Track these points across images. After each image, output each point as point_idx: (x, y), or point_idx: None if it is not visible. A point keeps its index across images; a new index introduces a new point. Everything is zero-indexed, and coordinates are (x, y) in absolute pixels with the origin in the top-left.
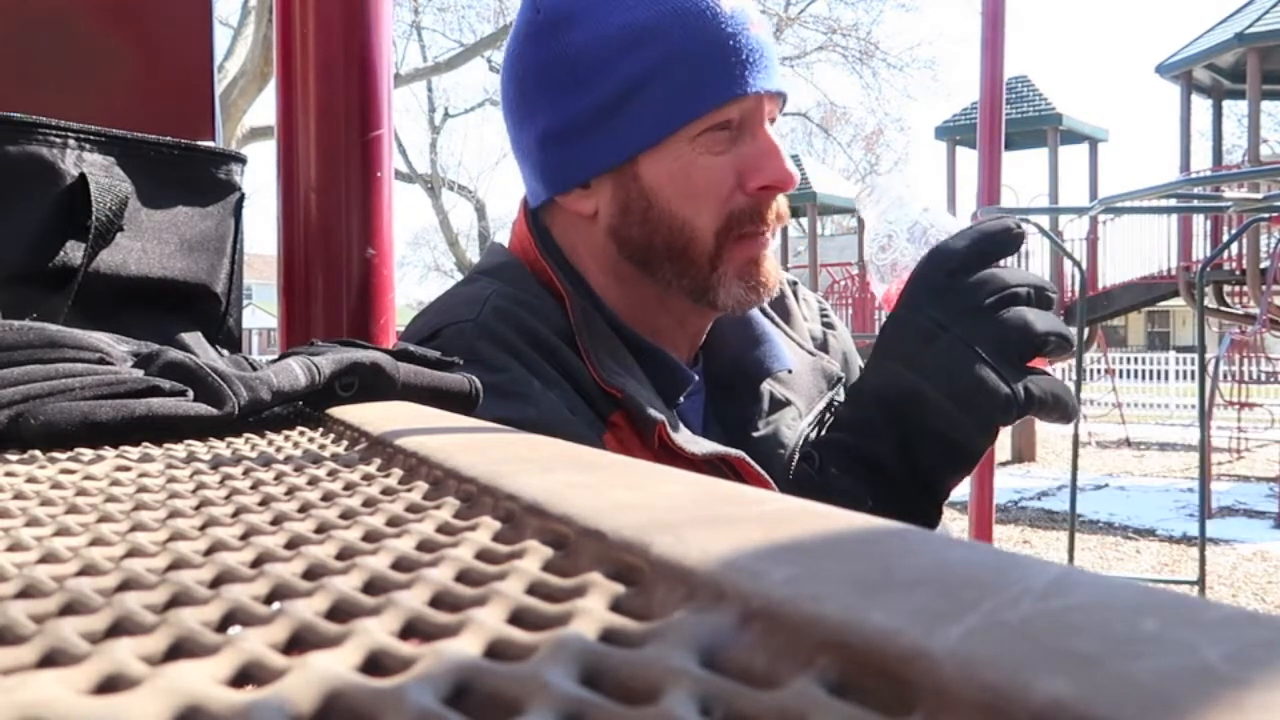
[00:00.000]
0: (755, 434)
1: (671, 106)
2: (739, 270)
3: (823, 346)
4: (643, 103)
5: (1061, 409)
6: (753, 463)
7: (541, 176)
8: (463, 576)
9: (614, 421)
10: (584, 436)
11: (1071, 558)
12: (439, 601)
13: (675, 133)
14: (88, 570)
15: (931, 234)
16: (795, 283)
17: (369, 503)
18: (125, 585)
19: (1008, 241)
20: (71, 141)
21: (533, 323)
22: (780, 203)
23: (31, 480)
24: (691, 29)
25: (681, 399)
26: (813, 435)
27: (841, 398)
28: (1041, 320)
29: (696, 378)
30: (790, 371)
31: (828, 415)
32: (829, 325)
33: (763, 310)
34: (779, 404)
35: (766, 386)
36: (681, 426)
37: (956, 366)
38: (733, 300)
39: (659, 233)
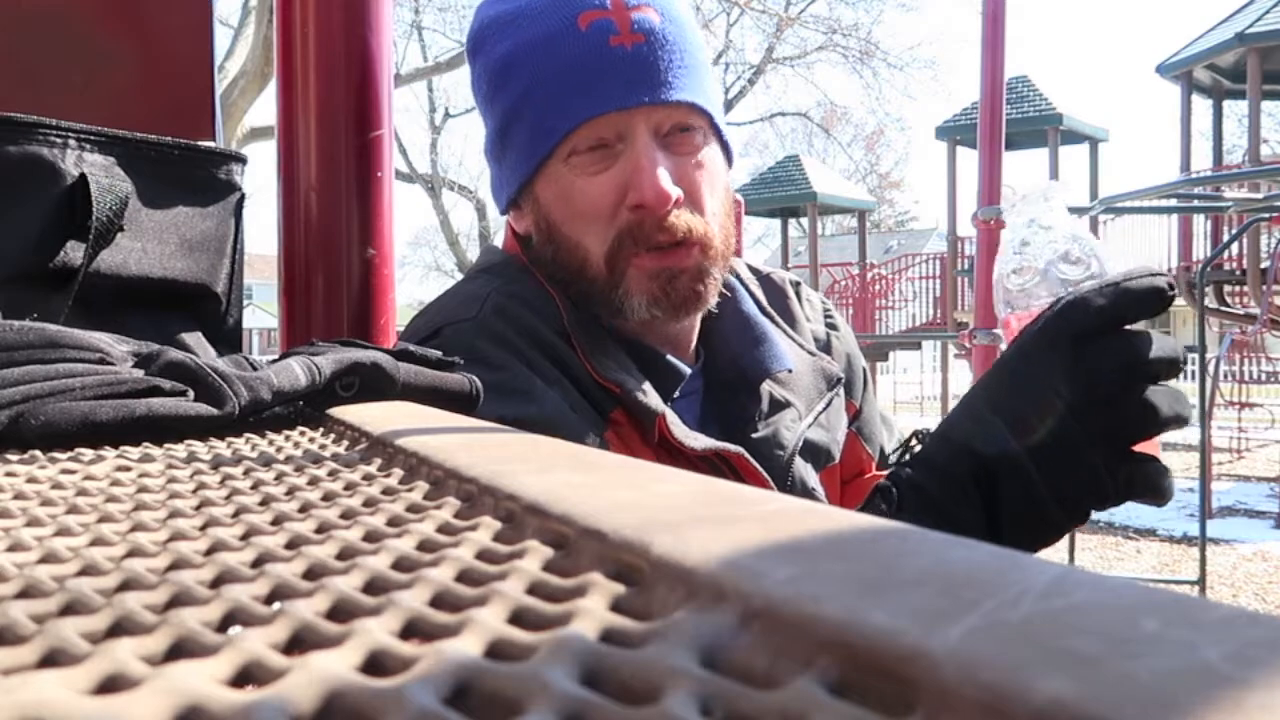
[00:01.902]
0: (754, 435)
1: (539, 132)
2: (641, 286)
3: (825, 347)
4: (519, 130)
5: (1156, 494)
6: (752, 460)
7: (494, 189)
8: (463, 576)
9: (615, 419)
10: (586, 434)
11: (1072, 558)
12: (439, 601)
13: (549, 156)
14: (88, 570)
15: (1073, 272)
16: (799, 283)
17: (369, 503)
18: (126, 585)
19: (1154, 305)
20: (72, 142)
21: (532, 321)
22: (685, 218)
23: (32, 480)
24: (547, 53)
25: (677, 394)
26: (891, 460)
27: (842, 398)
28: (1167, 404)
29: (689, 372)
30: (790, 371)
31: (912, 444)
32: (832, 326)
33: (763, 310)
34: (779, 405)
35: (766, 387)
36: (680, 422)
37: (1066, 453)
38: (640, 316)
39: (560, 253)
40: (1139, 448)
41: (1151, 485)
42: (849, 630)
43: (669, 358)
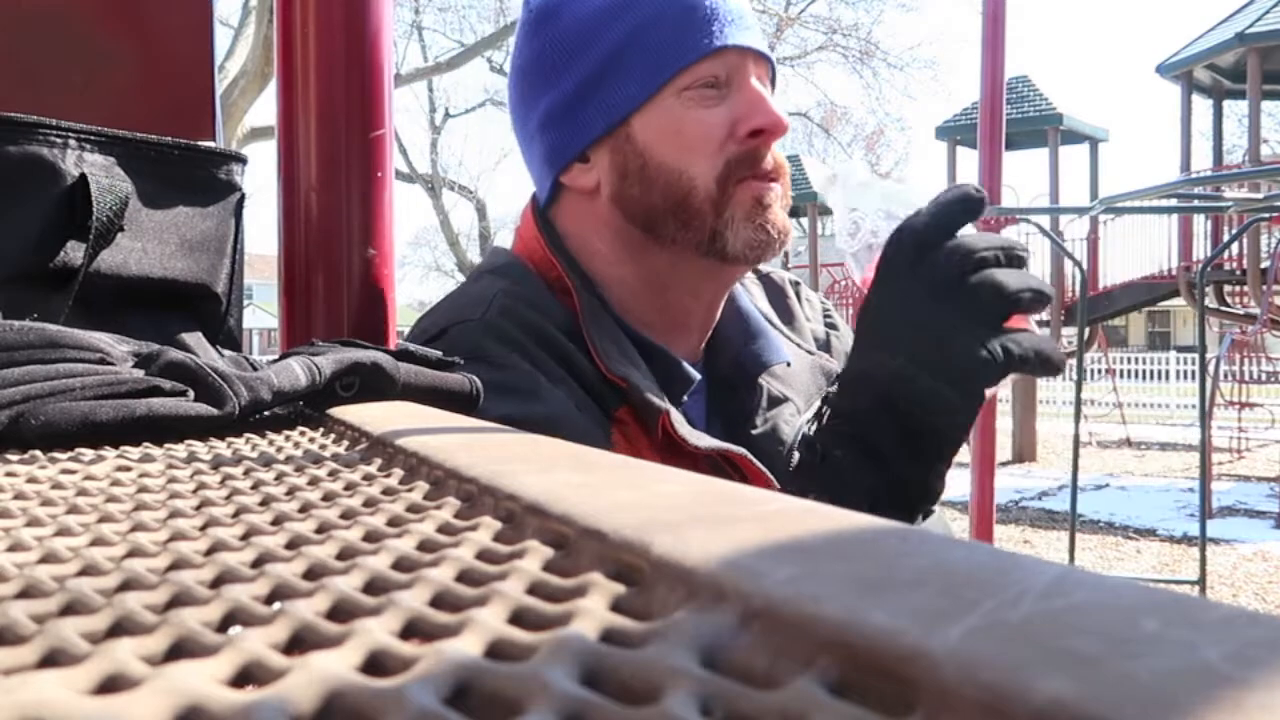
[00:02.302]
0: (754, 431)
1: (654, 65)
2: (746, 212)
3: (825, 347)
4: (627, 67)
5: (1045, 362)
6: (754, 460)
7: (545, 160)
8: (463, 576)
9: (620, 417)
10: (591, 433)
11: (1072, 558)
12: (439, 601)
13: (661, 89)
14: (88, 570)
15: (898, 215)
16: (798, 283)
17: (369, 503)
18: (126, 585)
19: (968, 208)
20: (72, 142)
21: (539, 320)
22: (778, 155)
23: (32, 480)
24: None
25: (685, 398)
26: (810, 429)
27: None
28: (1012, 279)
29: (698, 377)
30: (789, 365)
31: (823, 408)
32: (832, 326)
33: (761, 311)
34: (777, 400)
35: (764, 382)
36: (684, 421)
37: (934, 341)
38: (741, 243)
39: (657, 187)
40: (1013, 325)
41: (1030, 348)
42: (849, 630)
43: (679, 359)
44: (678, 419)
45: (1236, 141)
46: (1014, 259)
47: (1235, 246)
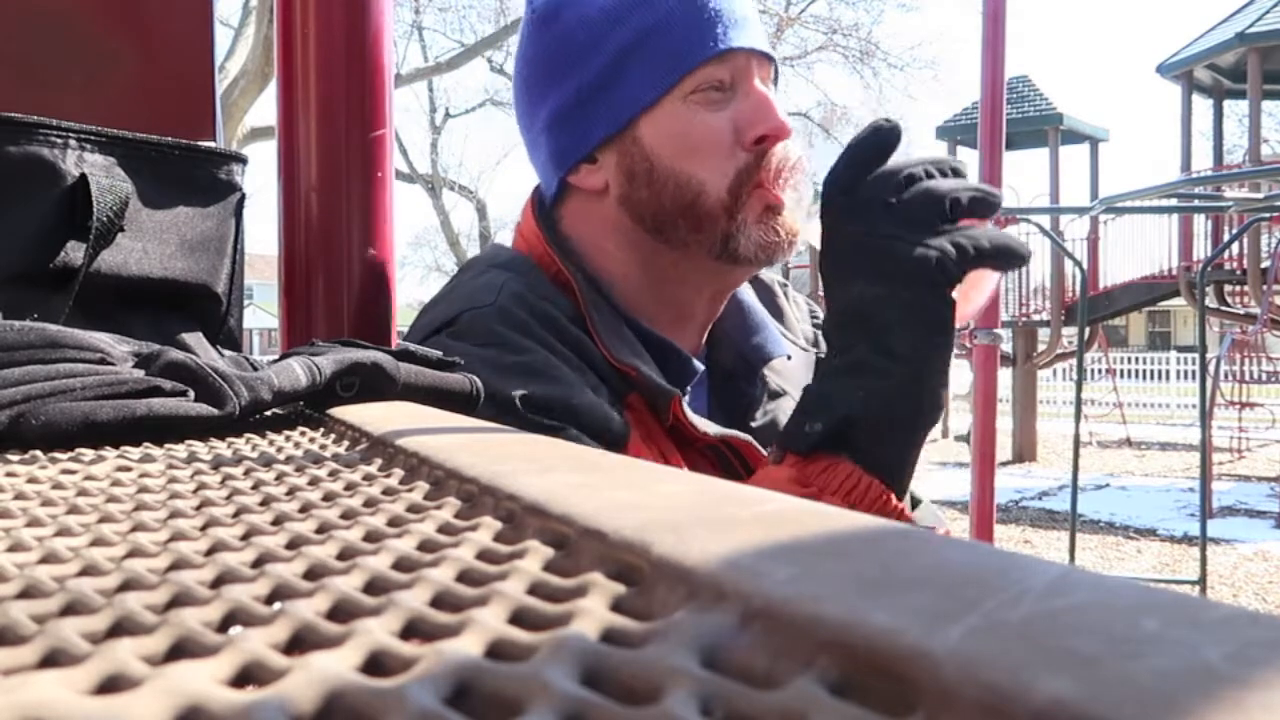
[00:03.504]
0: (754, 423)
1: (661, 67)
2: (758, 216)
3: (815, 344)
4: (634, 68)
5: (1004, 253)
6: (759, 448)
7: (551, 160)
8: (463, 576)
9: (630, 403)
10: (606, 412)
11: (1072, 557)
12: (440, 601)
13: (668, 92)
14: (89, 570)
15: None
16: (785, 284)
17: (370, 503)
18: (126, 585)
19: (882, 140)
20: (72, 142)
21: (548, 309)
22: (790, 149)
23: (32, 480)
24: None
25: (689, 389)
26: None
27: None
28: (945, 184)
29: (701, 368)
30: (789, 358)
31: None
32: (819, 325)
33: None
34: (776, 394)
35: (765, 375)
36: (691, 409)
37: (883, 257)
38: (754, 245)
39: (665, 191)
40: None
41: (981, 239)
42: (849, 630)
43: (683, 351)
44: (687, 406)
45: (1237, 141)
46: (949, 172)
47: (1235, 246)
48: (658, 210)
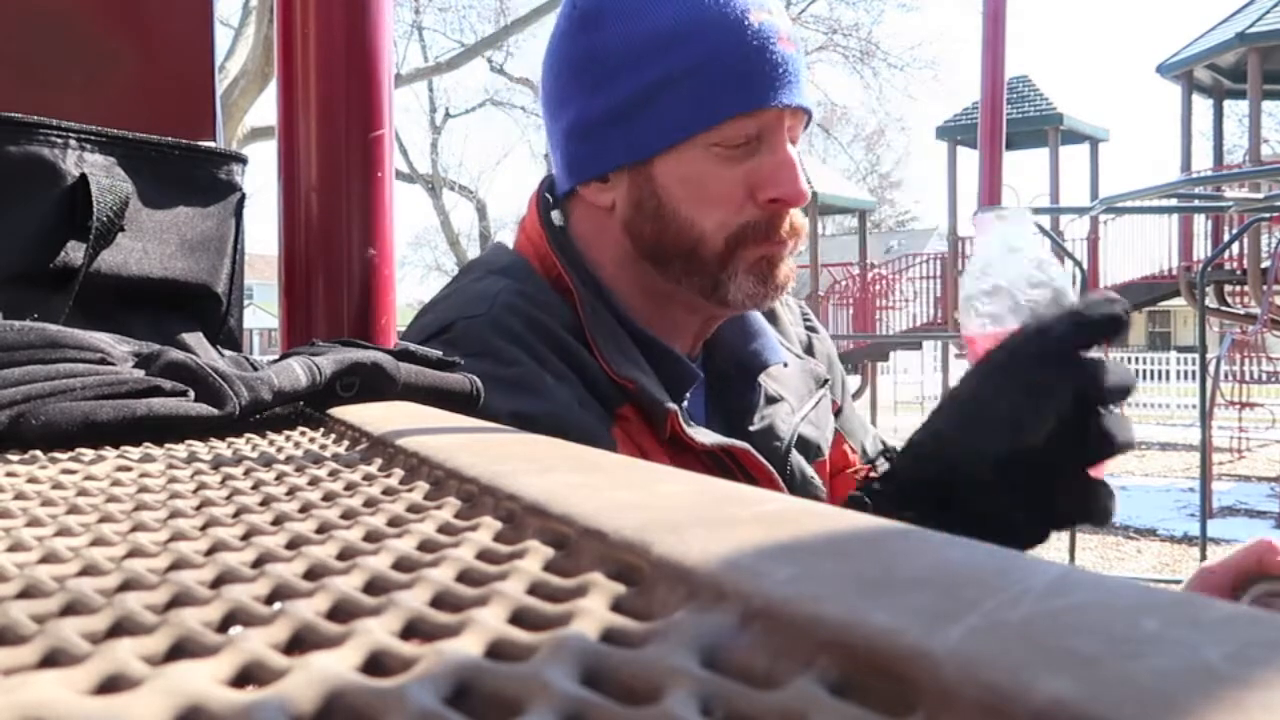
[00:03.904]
0: (752, 428)
1: (690, 113)
2: (750, 267)
3: (808, 350)
4: (663, 106)
5: (1105, 516)
6: (757, 454)
7: (566, 166)
8: (464, 576)
9: (622, 415)
10: (594, 429)
11: (1072, 557)
12: (440, 601)
13: (691, 138)
14: (89, 570)
15: (1037, 295)
16: None
17: (370, 503)
18: (126, 585)
19: (1112, 331)
20: (72, 142)
21: (543, 318)
22: (796, 217)
23: (33, 480)
24: (717, 38)
25: (688, 394)
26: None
27: (829, 398)
28: (1121, 431)
29: (701, 374)
30: (785, 365)
31: (879, 461)
32: (812, 329)
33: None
34: (772, 399)
35: (761, 380)
36: (689, 420)
37: (1025, 476)
38: (742, 295)
39: (668, 232)
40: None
41: (1101, 508)
42: (849, 630)
43: (682, 357)
44: (684, 418)
45: (1237, 141)
46: (1125, 398)
47: (1235, 246)
48: (657, 245)
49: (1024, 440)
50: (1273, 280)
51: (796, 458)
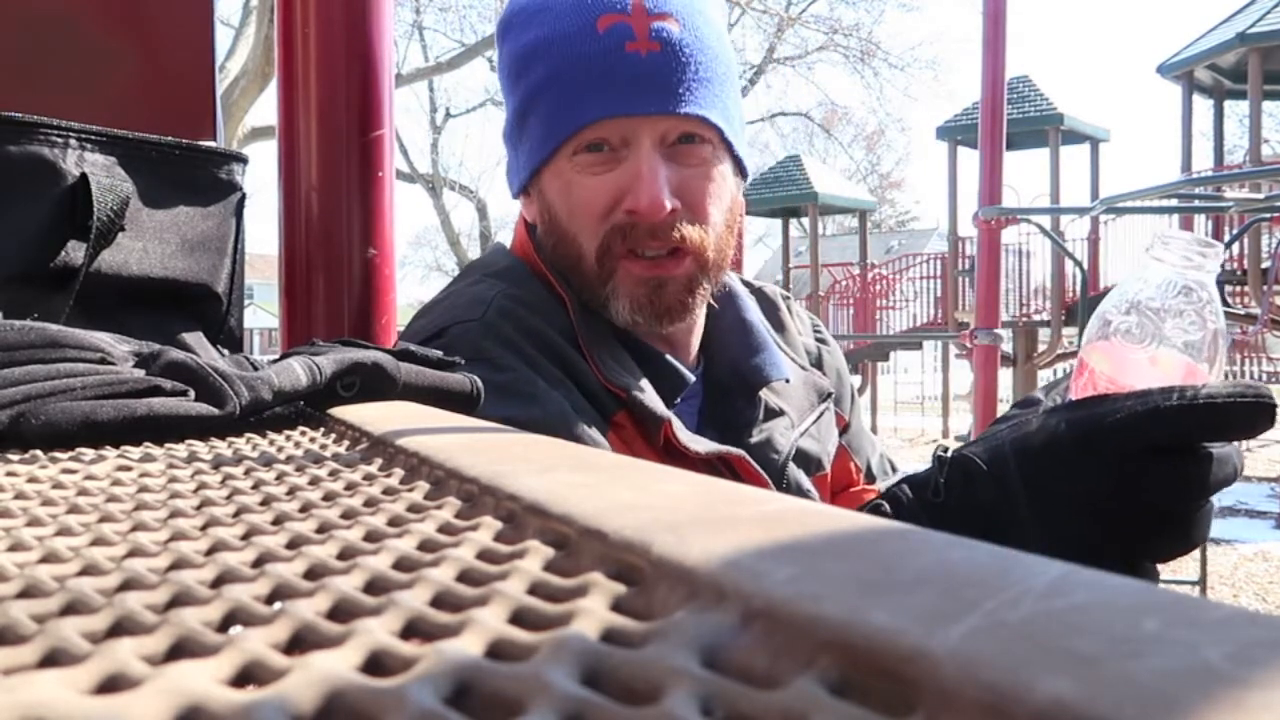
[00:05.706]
0: (750, 440)
1: (549, 127)
2: (626, 291)
3: (816, 362)
4: (534, 121)
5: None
6: (753, 463)
7: (510, 175)
8: (464, 576)
9: (617, 421)
10: (587, 436)
11: None
12: (440, 601)
13: (556, 151)
14: (89, 570)
15: (1178, 335)
16: (789, 297)
17: (370, 502)
18: (126, 585)
19: (1253, 429)
20: (73, 141)
21: (537, 323)
22: (687, 229)
23: (33, 480)
24: (566, 50)
25: (678, 400)
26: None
27: (833, 412)
28: (1207, 525)
29: (694, 379)
30: (788, 381)
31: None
32: (822, 341)
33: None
34: (772, 413)
35: (762, 394)
36: (683, 426)
37: (1087, 551)
38: (626, 314)
39: (560, 245)
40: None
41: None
42: (850, 630)
43: (673, 362)
44: (678, 426)
45: (1237, 141)
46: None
47: (1235, 246)
48: (555, 258)
49: (1105, 534)
50: (1273, 280)
51: (794, 470)
